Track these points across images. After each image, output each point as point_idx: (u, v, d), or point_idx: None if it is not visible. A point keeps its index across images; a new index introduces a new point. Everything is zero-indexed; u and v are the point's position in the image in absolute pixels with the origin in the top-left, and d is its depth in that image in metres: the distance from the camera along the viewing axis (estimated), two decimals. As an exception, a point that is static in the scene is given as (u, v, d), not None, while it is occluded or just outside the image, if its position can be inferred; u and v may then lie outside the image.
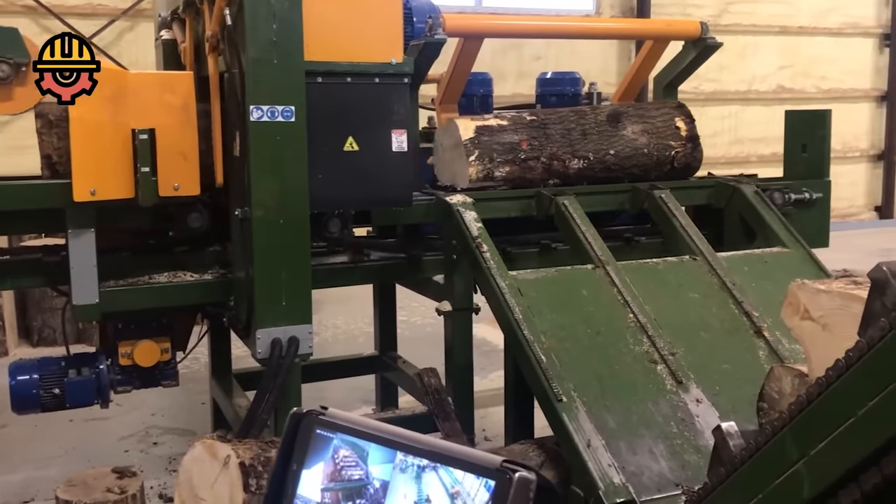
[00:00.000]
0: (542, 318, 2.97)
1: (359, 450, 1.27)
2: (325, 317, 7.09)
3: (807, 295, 2.04)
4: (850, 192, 12.46)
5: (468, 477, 1.15)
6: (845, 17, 12.46)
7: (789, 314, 2.10)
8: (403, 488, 1.22)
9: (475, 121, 3.59)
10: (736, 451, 1.86)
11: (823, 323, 2.00)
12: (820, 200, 4.03)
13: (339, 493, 1.27)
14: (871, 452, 1.59)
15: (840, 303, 1.96)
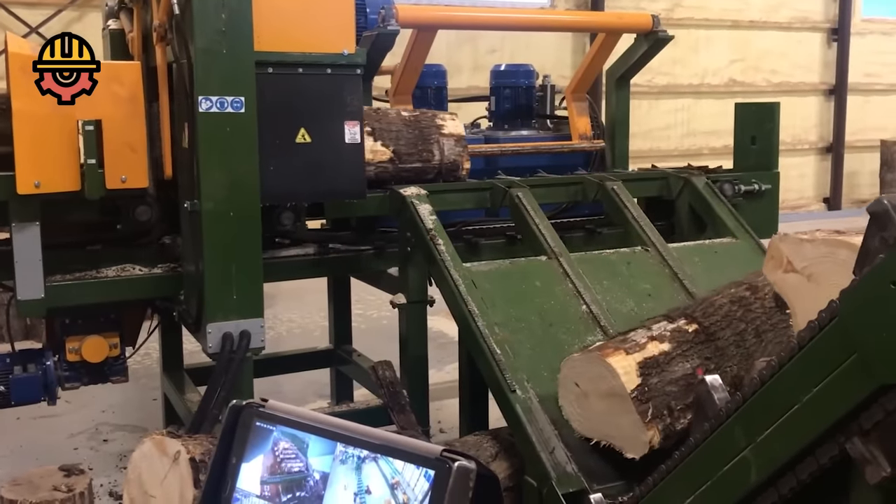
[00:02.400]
0: (495, 309, 2.98)
1: (299, 442, 1.27)
2: (279, 311, 7.04)
3: (790, 246, 2.02)
4: (800, 184, 12.69)
5: (408, 467, 1.15)
6: (795, 12, 12.68)
7: (771, 268, 2.07)
8: (343, 479, 1.22)
9: (632, 353, 2.47)
10: (721, 404, 1.82)
11: (808, 273, 1.97)
12: (769, 192, 4.08)
13: (278, 486, 1.26)
14: (816, 438, 1.62)
15: (825, 250, 1.93)
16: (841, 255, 1.87)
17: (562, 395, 2.59)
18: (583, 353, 2.54)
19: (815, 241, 1.96)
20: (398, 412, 3.28)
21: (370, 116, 3.62)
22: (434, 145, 3.71)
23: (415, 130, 3.72)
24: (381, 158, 3.60)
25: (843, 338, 1.53)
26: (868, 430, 1.57)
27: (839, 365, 1.54)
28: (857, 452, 1.59)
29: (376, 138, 3.59)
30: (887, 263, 1.45)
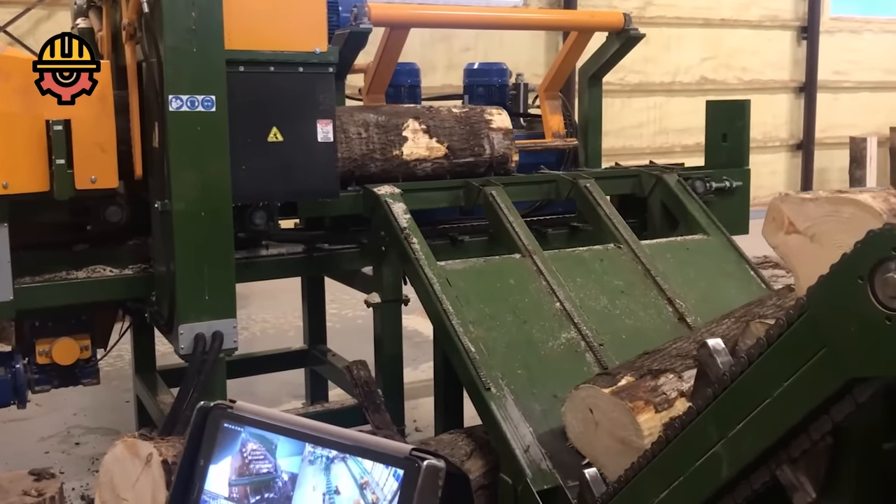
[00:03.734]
0: (470, 307, 2.98)
1: (267, 443, 1.26)
2: (253, 311, 7.00)
3: (791, 207, 1.98)
4: (771, 180, 12.80)
5: (377, 467, 1.15)
6: (765, 10, 12.78)
7: (772, 230, 2.03)
8: (312, 480, 1.22)
9: (661, 411, 2.43)
10: (725, 367, 1.79)
11: (811, 234, 1.93)
12: (740, 189, 4.12)
13: (247, 487, 1.26)
14: (787, 432, 1.64)
15: (829, 209, 1.89)
16: (846, 212, 1.83)
17: (569, 407, 2.54)
18: (612, 392, 2.44)
19: (818, 200, 1.91)
20: (373, 412, 3.27)
21: (424, 114, 3.78)
22: (484, 140, 3.86)
23: (466, 126, 3.86)
24: (437, 154, 3.75)
25: (813, 332, 1.54)
26: (796, 459, 1.66)
27: (809, 359, 1.55)
28: (786, 479, 1.67)
29: (431, 135, 3.73)
30: (854, 258, 1.46)
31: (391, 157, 3.67)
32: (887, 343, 1.42)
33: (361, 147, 3.61)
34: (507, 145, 3.92)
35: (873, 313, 1.43)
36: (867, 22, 13.77)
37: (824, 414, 1.56)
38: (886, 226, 1.44)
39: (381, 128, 3.67)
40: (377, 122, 3.68)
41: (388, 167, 3.67)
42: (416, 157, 3.72)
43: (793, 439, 1.61)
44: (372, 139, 3.63)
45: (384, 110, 3.81)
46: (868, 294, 1.44)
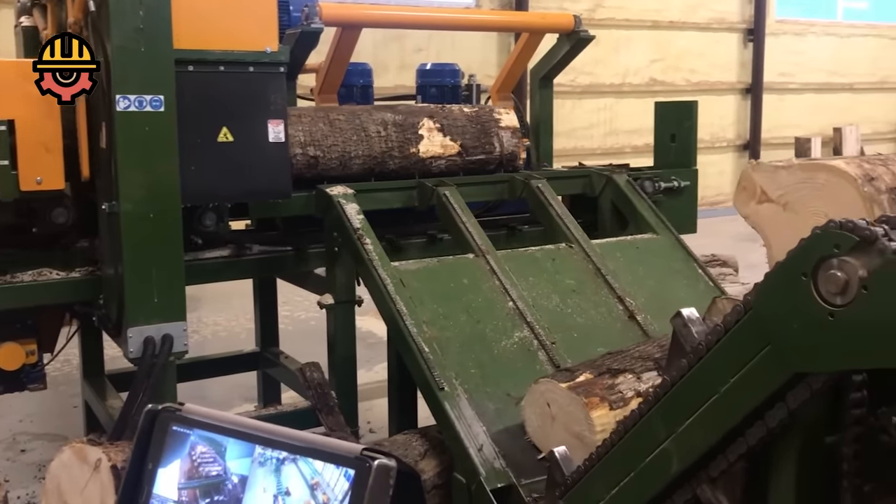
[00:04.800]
0: (424, 308, 2.98)
1: (216, 445, 1.25)
2: (204, 314, 6.92)
3: (763, 175, 1.98)
4: (718, 180, 13.03)
5: (328, 467, 1.16)
6: (712, 13, 13.01)
7: (743, 200, 2.03)
8: (263, 482, 1.22)
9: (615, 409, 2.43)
10: (700, 337, 1.79)
11: (784, 202, 1.94)
12: (688, 188, 4.18)
13: (196, 490, 1.25)
14: (735, 426, 1.67)
15: (803, 176, 1.90)
16: (819, 178, 1.85)
17: (528, 402, 2.59)
18: (569, 387, 2.49)
19: (791, 168, 1.92)
20: (327, 413, 3.26)
21: (438, 113, 3.92)
22: (494, 138, 3.99)
23: (477, 125, 3.99)
24: (451, 152, 3.87)
25: (758, 329, 1.58)
26: (715, 478, 1.74)
27: (754, 356, 1.59)
28: (706, 498, 1.75)
29: (445, 133, 3.86)
30: (798, 256, 1.50)
31: (409, 155, 3.79)
32: (830, 338, 1.46)
33: (381, 145, 3.72)
34: (515, 143, 4.07)
35: (816, 310, 1.46)
36: (810, 25, 14.10)
37: (774, 405, 1.60)
38: (829, 224, 1.48)
39: (398, 126, 3.79)
40: (395, 121, 3.80)
41: (406, 164, 3.78)
42: (432, 154, 3.84)
43: (731, 443, 1.65)
44: (391, 137, 3.75)
45: (401, 109, 3.93)
46: (811, 291, 1.47)
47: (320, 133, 3.61)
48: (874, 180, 1.82)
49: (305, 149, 3.55)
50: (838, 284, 1.43)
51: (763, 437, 1.63)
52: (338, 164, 3.63)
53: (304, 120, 3.62)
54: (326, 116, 3.69)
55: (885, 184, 1.83)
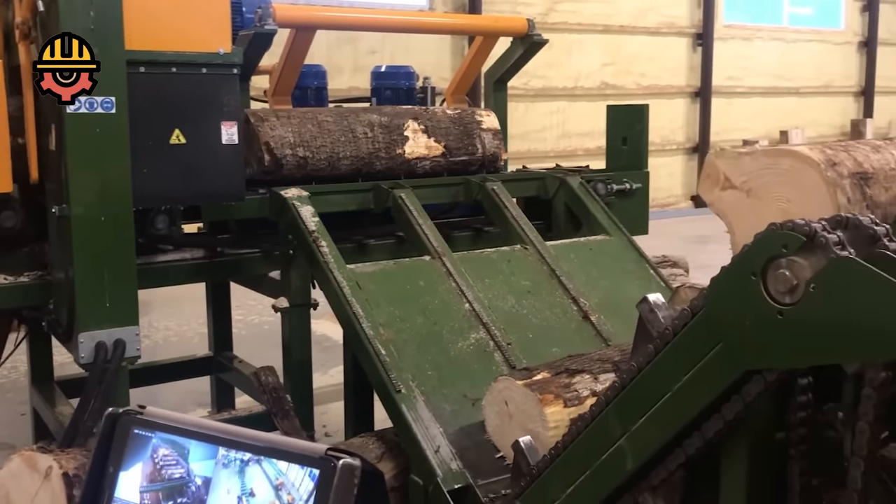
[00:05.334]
0: (380, 310, 2.98)
1: (179, 448, 1.25)
2: (155, 318, 6.82)
3: (727, 162, 1.99)
4: (669, 182, 13.23)
5: (292, 468, 1.16)
6: (662, 17, 13.21)
7: (707, 187, 2.03)
8: (226, 483, 1.22)
9: (570, 406, 2.46)
10: (666, 322, 1.80)
11: (748, 188, 1.94)
12: (639, 190, 4.24)
13: (159, 493, 1.25)
14: (687, 423, 1.71)
15: (766, 162, 1.91)
16: (784, 164, 1.87)
17: (488, 400, 2.61)
18: (525, 384, 2.52)
19: (754, 154, 1.93)
20: (282, 418, 3.24)
21: (422, 115, 4.00)
22: (476, 139, 4.10)
23: (460, 126, 4.08)
24: (435, 153, 3.96)
25: (710, 327, 1.61)
26: (656, 487, 1.79)
27: (706, 354, 1.62)
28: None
29: (430, 135, 3.94)
30: (747, 256, 1.53)
31: (395, 156, 3.85)
32: (779, 337, 1.50)
33: (368, 146, 3.78)
34: (496, 145, 4.17)
35: (766, 308, 1.50)
36: (757, 30, 14.39)
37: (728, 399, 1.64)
38: (783, 224, 1.51)
39: (384, 128, 3.85)
40: (381, 123, 3.86)
41: (393, 165, 3.85)
42: (417, 155, 3.90)
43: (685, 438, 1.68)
44: (377, 139, 3.81)
45: (386, 111, 3.99)
46: (761, 290, 1.51)
47: (309, 134, 3.66)
48: (837, 165, 1.85)
49: (295, 149, 3.59)
50: (786, 284, 1.47)
51: (719, 430, 1.67)
52: (326, 164, 3.68)
53: (293, 121, 3.66)
54: (315, 118, 3.74)
55: (848, 169, 1.86)
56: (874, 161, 1.95)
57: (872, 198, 1.88)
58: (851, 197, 1.84)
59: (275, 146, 3.56)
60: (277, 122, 3.63)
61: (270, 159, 3.53)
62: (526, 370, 2.71)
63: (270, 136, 3.56)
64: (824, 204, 1.82)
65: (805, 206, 1.84)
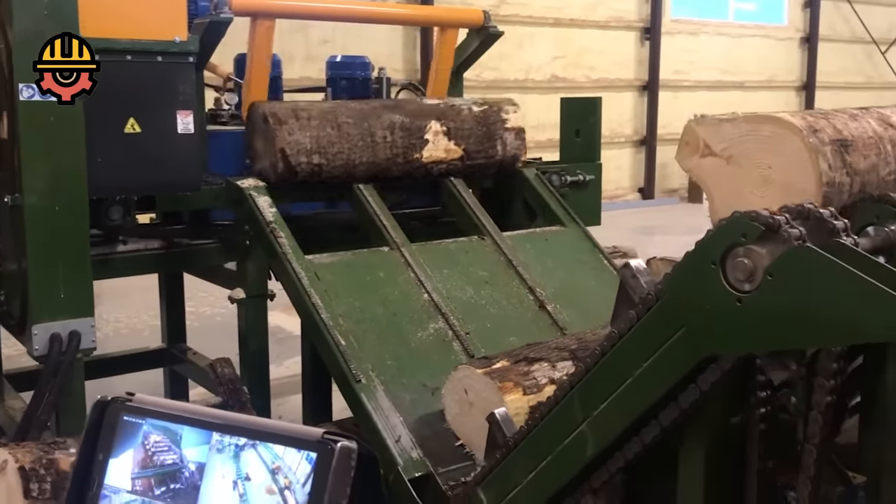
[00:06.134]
0: (339, 301, 2.99)
1: (171, 434, 1.26)
2: (104, 311, 6.70)
3: (707, 129, 1.98)
4: (617, 175, 13.40)
5: (289, 451, 1.17)
6: (611, 11, 13.35)
7: (686, 154, 2.03)
8: (221, 468, 1.22)
9: (529, 394, 2.50)
10: (649, 287, 1.80)
11: (728, 155, 1.93)
12: (592, 182, 4.29)
13: (151, 480, 1.25)
14: (647, 409, 1.75)
15: (748, 128, 1.90)
16: (765, 130, 1.87)
17: (448, 389, 2.63)
18: (485, 372, 2.54)
19: (735, 120, 1.92)
20: (238, 409, 3.23)
21: (446, 115, 3.78)
22: (498, 141, 3.94)
23: (483, 127, 3.90)
24: (454, 157, 3.77)
25: (671, 313, 1.65)
26: (597, 489, 1.86)
27: (668, 339, 1.66)
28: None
29: (451, 137, 3.75)
30: (708, 243, 1.58)
31: (412, 160, 3.67)
32: (738, 323, 1.54)
33: (386, 151, 3.59)
34: (517, 145, 4.03)
35: (725, 295, 1.55)
36: (703, 24, 14.63)
37: (686, 388, 1.69)
38: (736, 214, 1.56)
39: (405, 130, 3.65)
40: (402, 125, 3.65)
41: (409, 169, 3.68)
42: (434, 159, 3.73)
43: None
44: (396, 143, 3.62)
45: (410, 110, 3.75)
46: (720, 277, 1.55)
47: (327, 139, 3.45)
48: (818, 132, 1.87)
49: (311, 157, 3.40)
50: (745, 271, 1.52)
51: (675, 419, 1.72)
52: (342, 171, 3.50)
53: (312, 123, 3.46)
54: (335, 119, 3.52)
55: (829, 136, 1.88)
56: (853, 129, 1.97)
57: (852, 165, 1.90)
58: (832, 163, 1.84)
59: (290, 153, 3.36)
60: (296, 124, 3.41)
61: (284, 167, 3.36)
62: (485, 359, 2.74)
63: (287, 141, 3.36)
64: (806, 170, 1.83)
65: (787, 172, 1.85)
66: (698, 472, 1.77)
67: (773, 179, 1.86)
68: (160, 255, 3.49)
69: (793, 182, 1.83)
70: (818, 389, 1.62)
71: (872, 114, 2.10)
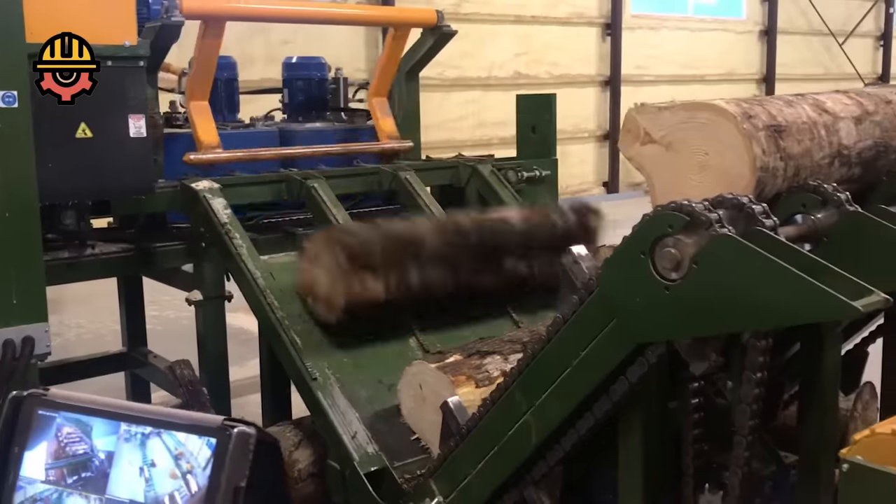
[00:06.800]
0: (295, 300, 3.01)
1: (83, 425, 1.34)
2: (66, 317, 6.67)
3: (647, 117, 2.03)
4: (581, 169, 13.50)
5: (191, 438, 1.25)
6: (572, 8, 13.43)
7: (628, 142, 2.06)
8: (128, 456, 1.31)
9: (481, 386, 2.51)
10: (590, 272, 1.84)
11: (667, 143, 1.98)
12: (549, 177, 4.35)
13: (63, 469, 1.32)
14: (585, 398, 1.80)
15: (685, 115, 1.95)
16: (702, 117, 1.92)
17: (403, 385, 2.67)
18: (438, 366, 2.59)
19: (673, 108, 1.97)
20: (199, 410, 3.24)
21: None
22: None
23: None
24: None
25: (604, 304, 1.71)
26: (538, 480, 1.95)
27: (602, 329, 1.72)
28: (530, 497, 1.96)
29: None
30: (637, 235, 1.63)
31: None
32: (666, 310, 1.60)
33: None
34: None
35: (654, 284, 1.60)
36: (664, 20, 14.77)
37: (617, 380, 1.74)
38: (667, 205, 1.61)
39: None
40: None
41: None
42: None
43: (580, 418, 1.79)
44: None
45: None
46: (649, 267, 1.61)
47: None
48: (752, 118, 1.92)
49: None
50: (672, 261, 1.57)
51: (608, 411, 1.77)
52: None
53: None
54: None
55: (763, 121, 1.93)
56: (787, 115, 2.02)
57: (786, 149, 1.94)
58: (766, 148, 1.89)
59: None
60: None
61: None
62: (439, 353, 2.78)
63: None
64: (740, 156, 1.87)
65: (722, 158, 1.89)
66: (638, 456, 1.83)
67: (710, 165, 1.91)
68: (116, 258, 3.48)
69: (728, 167, 1.88)
70: (746, 383, 1.68)
71: (808, 100, 2.16)
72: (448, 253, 2.86)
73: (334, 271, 2.72)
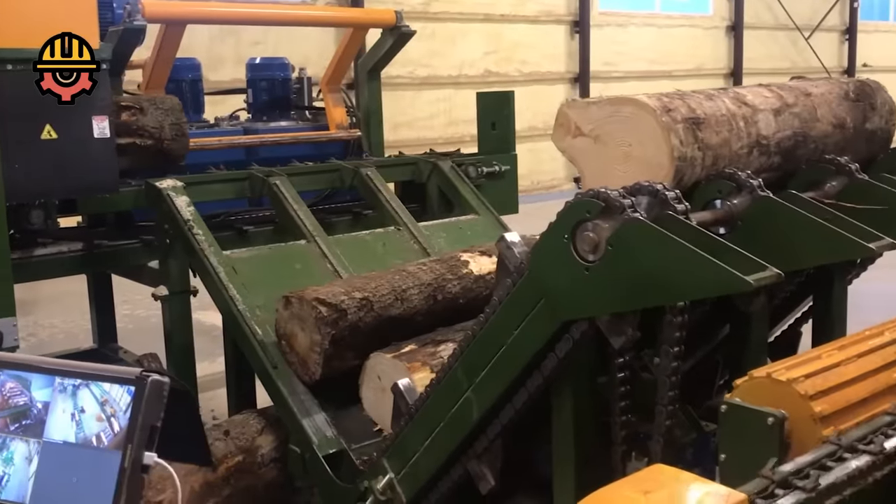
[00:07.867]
0: (257, 293, 3.11)
1: (23, 381, 1.58)
2: (40, 317, 6.71)
3: (577, 111, 2.14)
4: (552, 166, 13.62)
5: (114, 387, 1.50)
6: (540, 6, 13.57)
7: (560, 135, 2.17)
8: (62, 405, 1.54)
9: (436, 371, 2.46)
10: (522, 257, 1.92)
11: (595, 135, 2.08)
12: (508, 172, 4.47)
13: (7, 419, 1.57)
14: (519, 373, 1.93)
15: (611, 110, 2.07)
16: (625, 111, 2.04)
17: (364, 379, 2.77)
18: (394, 356, 2.70)
19: (600, 103, 2.09)
20: (167, 401, 3.34)
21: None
22: None
23: None
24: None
25: (533, 286, 1.84)
26: (480, 454, 2.08)
27: (532, 309, 1.85)
28: (473, 470, 2.09)
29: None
30: (560, 220, 1.76)
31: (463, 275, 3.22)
32: (587, 289, 1.73)
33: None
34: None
35: (575, 266, 1.74)
36: (631, 16, 14.94)
37: (546, 356, 1.87)
38: (586, 193, 1.74)
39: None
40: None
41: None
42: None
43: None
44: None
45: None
46: (571, 250, 1.74)
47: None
48: (671, 111, 2.05)
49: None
50: (591, 244, 1.70)
51: (540, 386, 1.90)
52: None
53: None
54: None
55: (681, 115, 2.06)
56: (707, 108, 2.15)
57: (703, 140, 2.07)
58: (684, 140, 2.01)
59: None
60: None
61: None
62: (396, 345, 2.89)
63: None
64: (660, 147, 2.00)
65: (644, 149, 2.02)
66: (569, 427, 1.96)
67: (634, 156, 2.04)
68: (83, 256, 3.57)
69: (649, 157, 2.01)
70: (664, 356, 1.81)
71: (729, 93, 2.30)
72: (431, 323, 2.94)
73: (315, 344, 2.74)
